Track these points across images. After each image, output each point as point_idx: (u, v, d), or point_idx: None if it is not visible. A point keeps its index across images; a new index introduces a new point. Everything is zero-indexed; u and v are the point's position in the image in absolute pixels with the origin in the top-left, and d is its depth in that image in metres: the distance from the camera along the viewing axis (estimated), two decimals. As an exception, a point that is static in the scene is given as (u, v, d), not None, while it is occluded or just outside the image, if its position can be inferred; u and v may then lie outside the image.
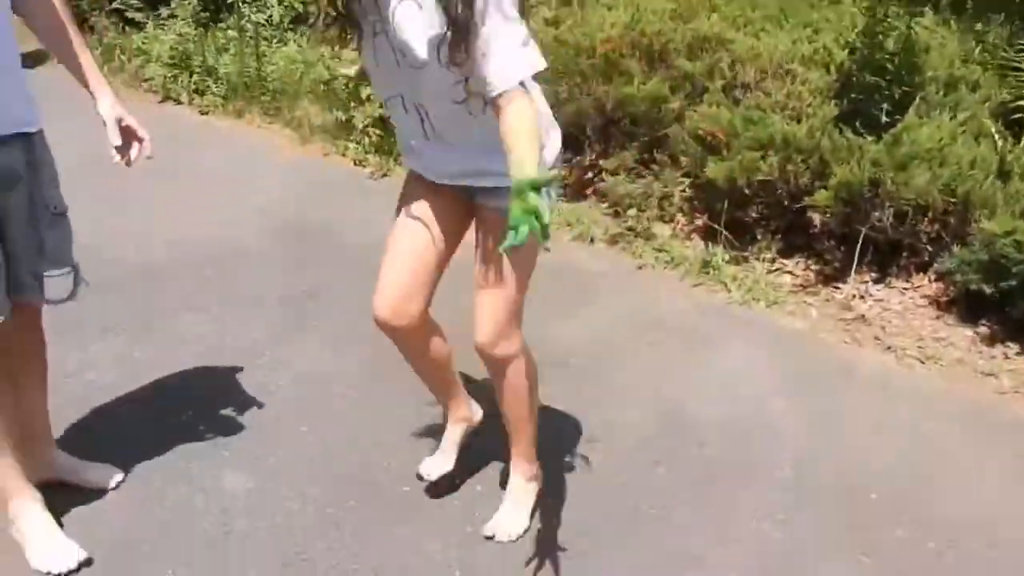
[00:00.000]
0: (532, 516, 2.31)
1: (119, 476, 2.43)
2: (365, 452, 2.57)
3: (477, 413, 2.43)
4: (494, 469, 2.47)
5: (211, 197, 4.50)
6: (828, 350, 3.20)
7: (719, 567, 2.18)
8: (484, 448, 2.45)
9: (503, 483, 2.37)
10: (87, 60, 2.18)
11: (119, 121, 2.19)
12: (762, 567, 2.18)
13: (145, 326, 3.25)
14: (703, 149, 3.88)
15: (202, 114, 6.01)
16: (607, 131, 4.34)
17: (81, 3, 7.76)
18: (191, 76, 6.20)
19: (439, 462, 2.36)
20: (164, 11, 6.92)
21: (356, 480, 2.46)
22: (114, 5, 7.44)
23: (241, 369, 2.99)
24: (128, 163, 2.24)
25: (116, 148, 2.21)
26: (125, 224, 4.08)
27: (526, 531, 2.26)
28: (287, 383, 2.92)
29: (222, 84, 6.05)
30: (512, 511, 2.28)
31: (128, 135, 2.22)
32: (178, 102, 6.21)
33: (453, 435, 2.39)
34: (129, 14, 7.36)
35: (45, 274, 2.17)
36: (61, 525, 2.22)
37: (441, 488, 2.39)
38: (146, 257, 3.78)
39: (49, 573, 2.11)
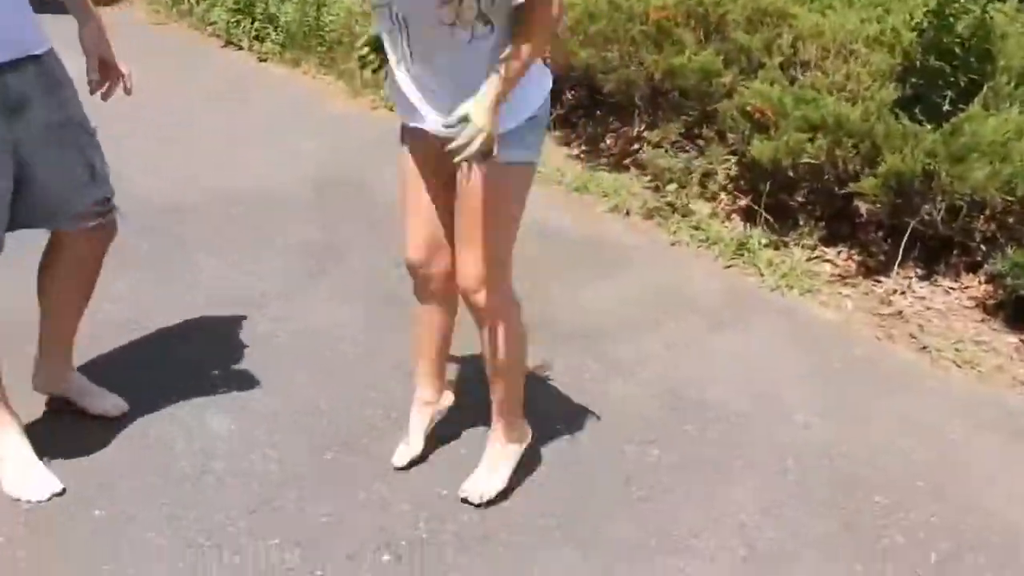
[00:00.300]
0: (510, 479, 2.20)
1: (123, 406, 2.41)
2: (354, 407, 2.52)
3: (447, 398, 2.36)
4: (479, 434, 2.38)
5: (255, 142, 4.51)
6: (858, 344, 3.03)
7: (698, 555, 2.07)
8: (472, 412, 2.37)
9: (486, 448, 2.29)
10: None
11: (99, 55, 2.17)
12: (744, 561, 2.06)
13: (165, 265, 3.26)
14: (751, 127, 3.71)
15: (260, 61, 6.03)
16: (656, 102, 4.20)
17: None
18: (253, 22, 6.23)
19: (406, 451, 2.29)
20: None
21: (339, 434, 2.42)
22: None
23: (249, 315, 2.97)
24: (104, 98, 2.22)
25: (94, 81, 2.19)
26: (163, 162, 4.11)
27: (499, 494, 2.16)
28: (291, 332, 2.89)
29: (281, 32, 6.06)
30: (486, 472, 2.18)
31: (107, 69, 2.20)
32: (239, 47, 6.24)
33: (418, 422, 2.31)
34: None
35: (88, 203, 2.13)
36: (41, 453, 2.21)
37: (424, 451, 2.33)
38: (179, 197, 3.79)
39: (19, 500, 2.11)
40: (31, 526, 2.05)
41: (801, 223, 3.64)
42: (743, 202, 3.89)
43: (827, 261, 3.56)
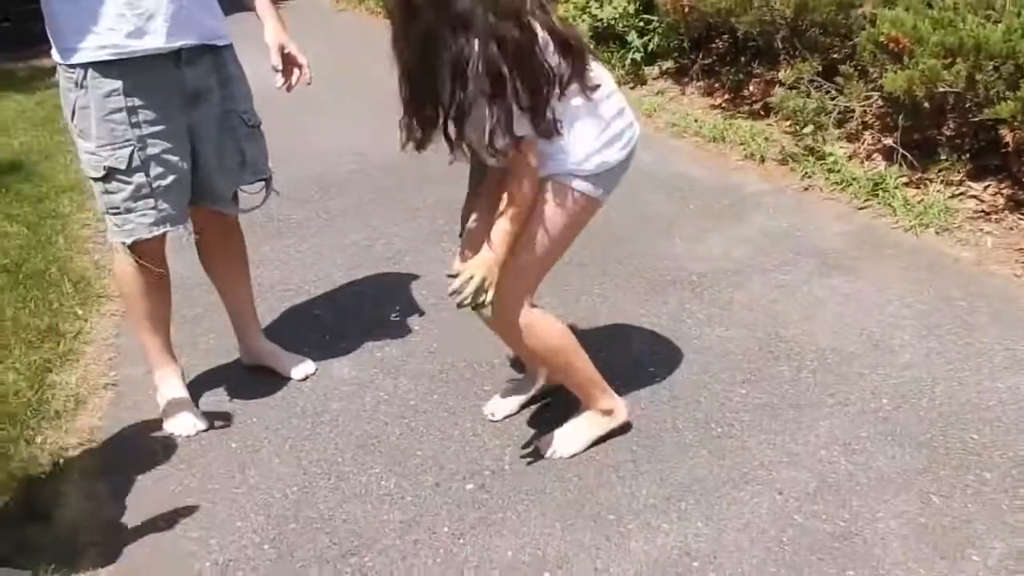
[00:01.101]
0: (593, 444, 2.26)
1: (309, 369, 2.69)
2: (461, 354, 2.72)
3: (542, 380, 2.41)
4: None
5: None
6: (990, 283, 2.87)
7: (767, 487, 2.10)
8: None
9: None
10: None
11: (281, 48, 2.37)
12: (812, 492, 2.07)
13: (312, 231, 3.62)
14: (888, 59, 3.54)
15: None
16: (794, 42, 4.09)
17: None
18: None
19: (505, 405, 2.43)
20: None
21: (445, 378, 2.63)
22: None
23: (382, 272, 3.26)
24: (288, 89, 2.41)
25: (277, 73, 2.38)
26: (321, 133, 4.52)
27: (575, 455, 2.24)
28: (418, 286, 3.14)
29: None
30: (568, 432, 2.27)
31: (289, 62, 2.39)
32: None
33: (526, 385, 2.44)
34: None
35: (242, 187, 2.46)
36: (195, 396, 2.59)
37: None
38: (331, 167, 4.19)
39: (172, 435, 2.49)
40: (181, 456, 2.41)
41: (943, 157, 3.45)
42: (888, 141, 3.73)
43: (972, 197, 3.35)
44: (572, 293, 2.91)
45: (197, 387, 2.67)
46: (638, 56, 4.91)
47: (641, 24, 4.91)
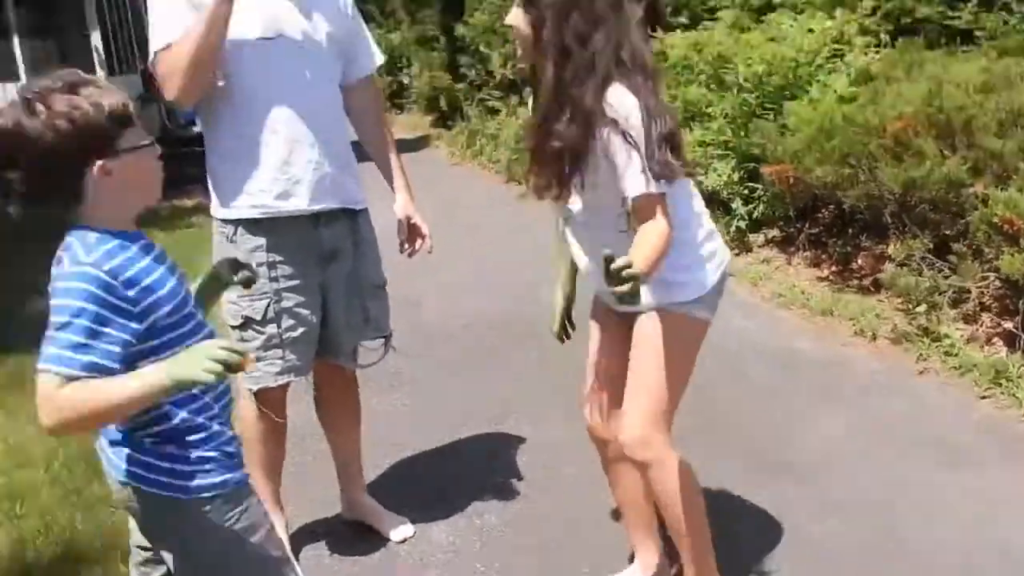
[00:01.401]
0: None
1: (408, 532, 2.69)
2: (562, 528, 2.68)
3: (664, 571, 2.35)
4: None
5: (523, 270, 4.93)
6: None
7: None
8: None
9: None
10: (395, 162, 2.61)
11: (408, 219, 2.59)
12: None
13: (420, 387, 3.69)
14: (1003, 240, 3.48)
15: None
16: (903, 217, 4.07)
17: (458, 94, 8.95)
18: (530, 159, 6.88)
19: None
20: (515, 99, 7.73)
21: (544, 552, 2.58)
22: (480, 95, 8.49)
23: (490, 431, 3.29)
24: (411, 255, 2.63)
25: (402, 241, 2.61)
26: (434, 289, 4.64)
27: None
28: (518, 452, 3.14)
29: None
30: None
31: (414, 232, 2.61)
32: (519, 183, 6.88)
33: (631, 573, 2.37)
34: (490, 103, 8.34)
35: (363, 343, 2.58)
36: (297, 549, 2.61)
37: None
38: (442, 324, 4.28)
39: (271, 588, 2.50)
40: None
41: (1070, 347, 3.32)
42: (1008, 325, 3.62)
43: (1106, 391, 3.20)
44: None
45: (299, 539, 2.69)
46: (743, 224, 4.96)
47: (746, 192, 4.98)
